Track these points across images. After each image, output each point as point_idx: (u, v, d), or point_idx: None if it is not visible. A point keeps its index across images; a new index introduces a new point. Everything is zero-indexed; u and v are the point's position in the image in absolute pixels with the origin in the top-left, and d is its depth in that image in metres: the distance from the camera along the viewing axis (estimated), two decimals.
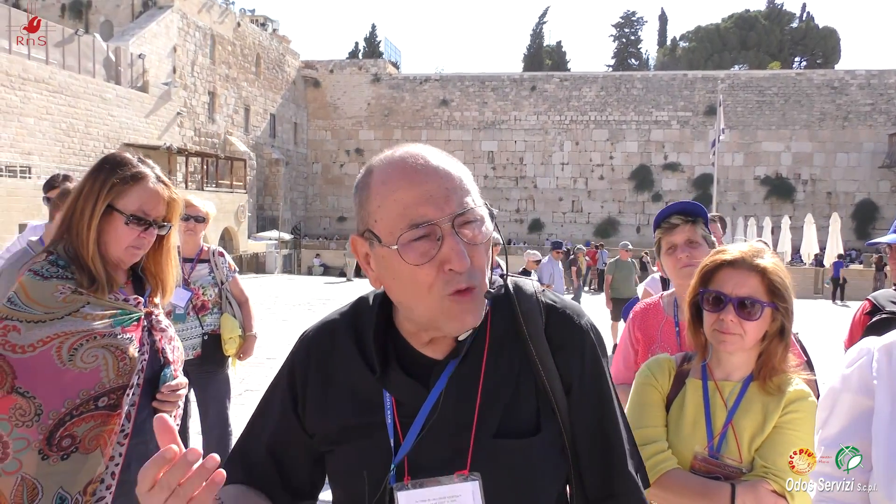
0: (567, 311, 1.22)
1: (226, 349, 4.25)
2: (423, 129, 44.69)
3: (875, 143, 40.70)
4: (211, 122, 35.65)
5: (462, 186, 1.11)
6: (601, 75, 45.53)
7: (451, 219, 1.07)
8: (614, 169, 43.44)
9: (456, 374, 1.15)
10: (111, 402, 1.91)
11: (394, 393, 1.17)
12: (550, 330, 1.19)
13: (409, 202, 1.07)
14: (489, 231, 1.12)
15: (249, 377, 8.26)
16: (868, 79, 41.17)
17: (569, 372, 1.18)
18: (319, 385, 1.23)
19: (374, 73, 45.34)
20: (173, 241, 2.17)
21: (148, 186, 2.01)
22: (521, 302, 1.20)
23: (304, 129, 45.76)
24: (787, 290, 1.77)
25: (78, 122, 25.76)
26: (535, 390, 1.17)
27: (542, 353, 1.17)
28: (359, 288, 23.79)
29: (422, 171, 1.09)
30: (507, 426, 1.14)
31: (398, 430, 1.15)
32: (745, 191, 42.12)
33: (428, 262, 1.06)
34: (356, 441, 1.18)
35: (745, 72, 46.19)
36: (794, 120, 41.67)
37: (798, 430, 1.70)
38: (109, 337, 1.91)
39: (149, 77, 30.16)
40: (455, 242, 1.06)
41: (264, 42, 41.20)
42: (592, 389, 1.20)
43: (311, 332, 1.32)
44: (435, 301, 1.08)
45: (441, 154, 1.14)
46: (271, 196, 40.75)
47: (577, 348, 1.19)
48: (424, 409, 1.14)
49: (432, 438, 1.13)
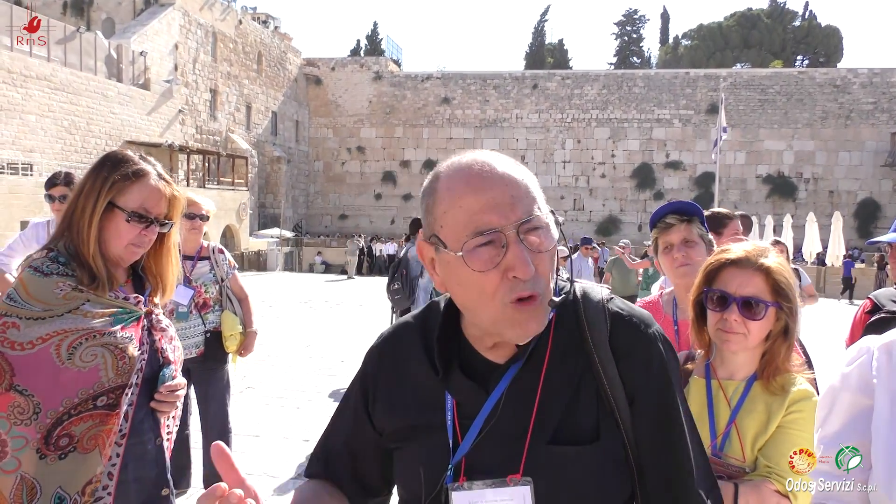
0: (634, 319, 1.19)
1: (227, 346, 4.26)
2: (425, 126, 44.70)
3: (877, 142, 40.65)
4: (213, 120, 35.67)
5: (528, 193, 1.11)
6: (603, 73, 45.48)
7: (516, 226, 1.07)
8: (616, 167, 43.43)
9: (516, 378, 1.16)
10: (110, 402, 1.89)
11: (455, 395, 1.19)
12: (615, 338, 1.17)
13: (475, 209, 1.08)
14: (554, 239, 1.12)
15: (251, 374, 8.26)
16: (870, 77, 41.11)
17: (633, 382, 1.15)
18: (389, 385, 1.28)
19: (376, 71, 45.34)
20: (174, 240, 2.15)
21: (149, 184, 1.99)
22: (587, 309, 1.19)
23: (305, 127, 45.78)
24: (792, 289, 1.76)
25: (80, 120, 25.78)
26: (596, 399, 1.15)
27: (605, 362, 1.15)
28: (360, 286, 23.80)
29: (488, 178, 1.10)
30: (563, 433, 1.13)
31: (457, 431, 1.18)
32: (747, 189, 42.09)
33: (493, 269, 1.07)
34: (418, 440, 1.22)
35: (748, 70, 46.15)
36: (796, 118, 41.63)
37: (802, 429, 1.69)
38: (109, 336, 1.89)
39: (150, 74, 30.18)
40: (520, 250, 1.07)
41: (266, 40, 41.20)
42: (657, 402, 1.17)
43: (385, 334, 1.36)
44: (498, 307, 1.09)
45: (507, 160, 1.14)
46: (273, 194, 40.77)
47: (642, 358, 1.17)
48: (483, 412, 1.16)
49: (489, 441, 1.15)
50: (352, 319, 14.45)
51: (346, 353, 10.12)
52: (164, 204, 2.03)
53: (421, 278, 7.07)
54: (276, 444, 5.82)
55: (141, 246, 2.01)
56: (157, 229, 2.02)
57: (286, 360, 9.55)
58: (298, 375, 8.56)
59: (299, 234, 40.29)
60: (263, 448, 5.70)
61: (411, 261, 6.99)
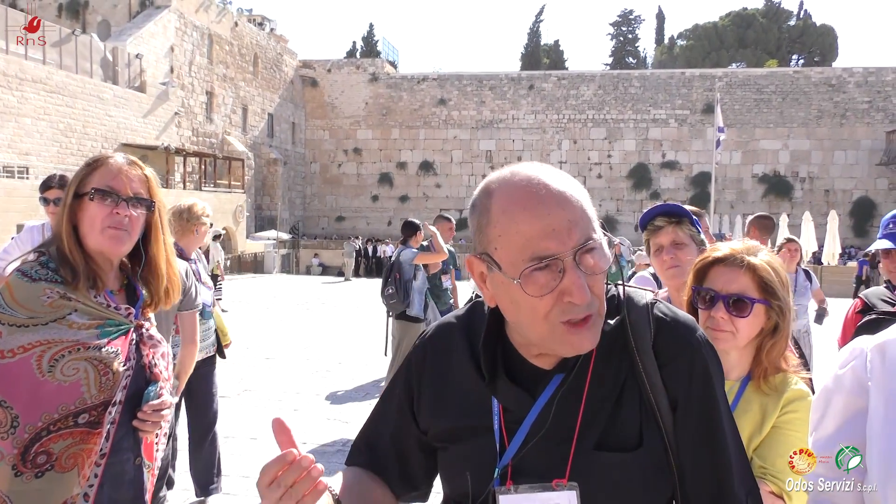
0: (678, 325, 1.19)
1: (226, 340, 4.51)
2: (421, 128, 44.70)
3: (873, 141, 40.75)
4: (209, 122, 35.64)
5: (584, 215, 1.10)
6: (599, 74, 45.53)
7: (573, 252, 1.07)
8: (612, 167, 43.48)
9: (562, 385, 1.17)
10: (91, 420, 1.79)
11: (501, 400, 1.21)
12: (659, 344, 1.17)
13: (532, 235, 1.07)
14: (609, 258, 1.12)
15: (248, 377, 8.26)
16: (865, 76, 41.21)
17: (675, 388, 1.16)
18: (433, 386, 1.29)
19: (372, 73, 45.34)
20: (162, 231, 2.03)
21: (110, 165, 1.91)
22: (631, 313, 1.19)
23: (301, 129, 45.76)
24: (781, 287, 1.76)
25: (75, 123, 25.74)
26: (639, 404, 1.16)
27: (648, 368, 1.16)
28: (357, 288, 23.80)
29: (545, 202, 1.08)
30: (608, 439, 1.15)
31: (504, 435, 1.19)
32: (743, 189, 42.16)
33: (549, 294, 1.08)
34: (465, 442, 1.23)
35: (743, 70, 46.22)
36: (791, 118, 41.71)
37: (797, 430, 1.70)
38: (94, 349, 1.80)
39: (146, 77, 30.15)
40: (577, 276, 1.07)
41: (262, 42, 41.18)
42: (700, 408, 1.17)
43: (428, 334, 1.37)
44: (548, 327, 1.10)
45: (562, 178, 1.12)
46: (269, 196, 40.74)
47: (685, 364, 1.17)
48: (530, 417, 1.17)
49: (536, 446, 1.16)
50: (349, 322, 14.44)
51: (343, 355, 10.12)
52: (133, 183, 1.92)
53: (415, 280, 7.05)
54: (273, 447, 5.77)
55: (120, 228, 1.88)
56: (138, 212, 1.91)
57: (283, 362, 9.54)
58: (295, 378, 8.56)
59: (296, 237, 40.27)
60: (261, 450, 5.69)
61: (404, 264, 6.96)
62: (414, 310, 6.80)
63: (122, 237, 1.89)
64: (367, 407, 7.05)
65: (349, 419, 6.71)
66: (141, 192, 1.94)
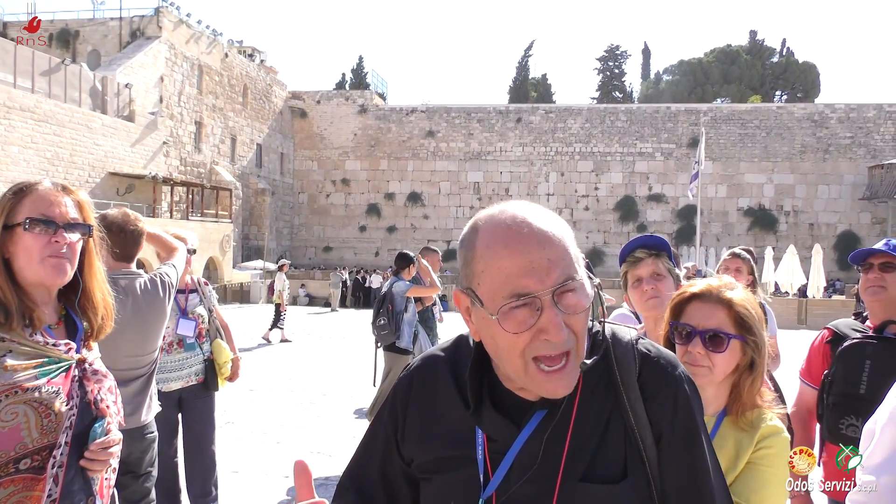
0: (662, 361, 1.23)
1: (222, 373, 4.44)
2: (410, 159, 44.91)
3: (855, 176, 41.28)
4: (197, 152, 35.67)
5: (566, 255, 1.12)
6: (586, 107, 46.02)
7: (551, 292, 1.08)
8: (599, 200, 43.75)
9: (547, 416, 1.17)
10: (35, 465, 1.69)
11: (486, 430, 1.21)
12: (643, 379, 1.20)
13: (512, 272, 1.09)
14: (590, 296, 1.13)
15: (231, 408, 8.16)
16: (847, 112, 41.88)
17: (659, 422, 1.18)
18: (418, 416, 1.29)
19: (361, 104, 45.63)
20: (97, 258, 1.94)
21: (39, 192, 1.82)
22: (616, 348, 1.22)
23: (290, 159, 45.87)
24: (756, 323, 1.77)
25: (63, 151, 25.70)
26: (624, 437, 1.18)
27: (633, 402, 1.18)
28: (343, 319, 23.67)
29: (525, 241, 1.10)
30: (593, 471, 1.15)
31: (488, 466, 1.19)
32: (729, 222, 42.50)
33: (526, 331, 1.09)
34: (448, 473, 1.23)
35: (728, 105, 46.85)
36: (775, 152, 42.23)
37: (771, 465, 1.69)
38: (32, 391, 1.70)
39: (135, 106, 30.20)
40: (554, 315, 1.08)
41: (252, 73, 41.43)
42: (683, 442, 1.19)
43: (413, 365, 1.37)
44: (522, 364, 1.11)
45: (546, 217, 1.14)
46: (257, 226, 40.67)
47: (669, 399, 1.19)
48: (514, 448, 1.17)
49: (520, 477, 1.16)
50: (335, 353, 14.34)
51: (327, 386, 10.03)
52: (66, 207, 1.83)
53: (406, 312, 7.04)
54: (255, 480, 5.72)
55: (60, 257, 1.79)
56: (75, 237, 1.83)
57: (267, 393, 9.45)
58: (279, 409, 8.47)
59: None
60: (242, 484, 5.61)
61: (396, 296, 6.95)
62: (403, 342, 6.77)
63: (64, 265, 1.80)
64: (351, 439, 6.98)
65: (333, 452, 6.63)
66: (77, 218, 1.85)
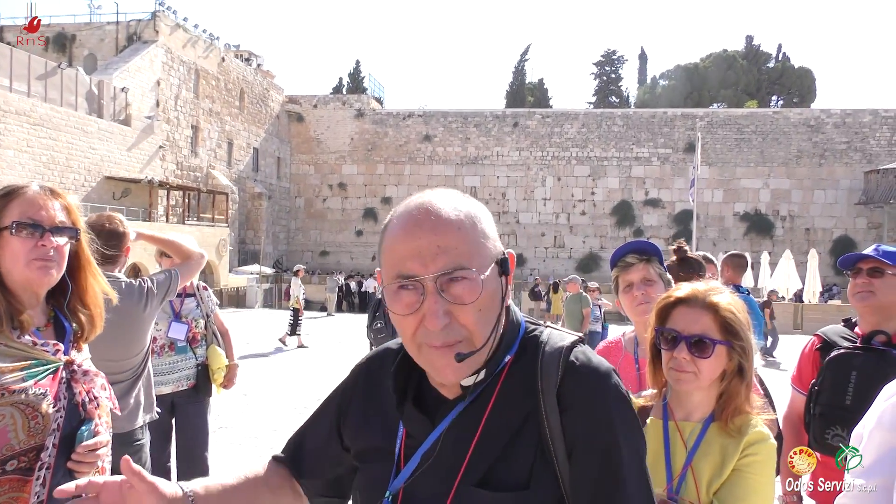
0: (589, 370, 1.13)
1: (215, 379, 4.46)
2: (407, 164, 44.94)
3: (851, 181, 41.38)
4: (194, 156, 35.64)
5: (463, 244, 1.10)
6: (582, 112, 46.09)
7: (434, 277, 1.08)
8: (596, 204, 43.79)
9: (461, 416, 1.15)
10: (22, 466, 1.71)
11: (406, 425, 1.21)
12: (564, 388, 1.12)
13: (402, 255, 1.11)
14: (488, 290, 1.11)
15: (225, 413, 8.13)
16: (843, 118, 41.99)
17: (574, 435, 1.10)
18: (361, 405, 1.32)
19: (358, 109, 45.66)
20: (89, 256, 1.96)
21: (26, 196, 1.84)
22: (545, 354, 1.16)
23: (287, 164, 45.86)
24: (743, 328, 1.75)
25: (59, 155, 25.66)
26: (535, 447, 1.11)
27: (549, 411, 1.11)
28: (339, 323, 23.63)
29: (420, 225, 1.11)
30: (493, 477, 1.11)
31: (401, 460, 1.19)
32: (725, 227, 42.56)
33: (411, 315, 1.10)
34: (371, 463, 1.25)
35: (724, 110, 46.95)
36: (772, 157, 42.33)
37: (757, 473, 1.68)
38: (19, 393, 1.71)
39: (132, 110, 30.17)
40: (433, 301, 1.08)
41: (249, 77, 41.44)
42: (598, 460, 1.09)
43: (369, 355, 1.41)
44: (416, 348, 1.13)
45: (456, 206, 1.14)
46: (253, 230, 40.64)
47: (586, 411, 1.11)
48: (424, 445, 1.17)
49: (426, 475, 1.15)
50: (330, 357, 14.32)
51: (323, 391, 9.99)
52: (54, 211, 1.85)
53: None
54: None
55: (48, 260, 1.81)
56: (63, 241, 1.84)
57: (262, 398, 9.42)
58: (274, 414, 8.44)
59: (279, 271, 40.09)
60: None
61: None
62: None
63: (51, 268, 1.82)
64: None
65: None
66: (65, 222, 1.87)
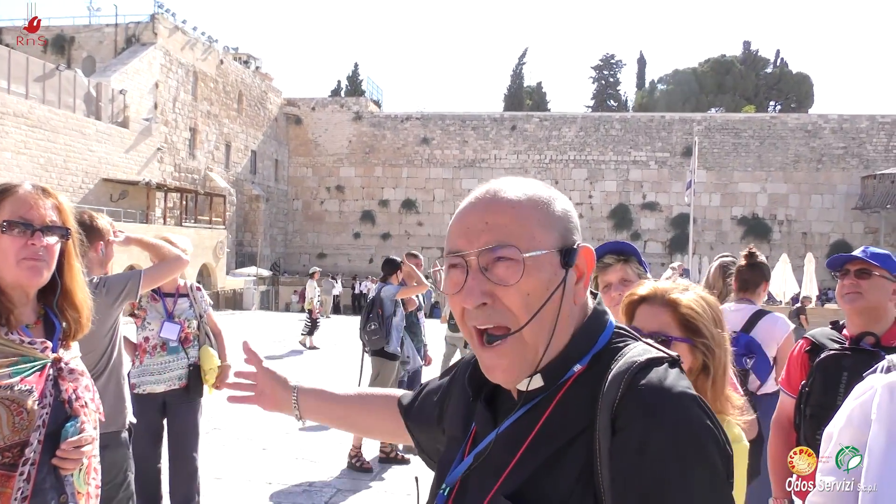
0: (651, 391, 0.97)
1: (206, 380, 4.45)
2: (404, 166, 44.95)
3: (848, 186, 41.45)
4: (191, 158, 35.65)
5: (515, 224, 1.05)
6: (580, 116, 46.15)
7: (477, 253, 1.04)
8: (593, 208, 43.83)
9: (520, 421, 1.08)
10: (6, 462, 1.73)
11: (475, 421, 1.19)
12: (620, 407, 0.98)
13: (454, 231, 1.09)
14: (533, 276, 1.04)
15: (218, 415, 8.14)
16: (840, 123, 42.08)
17: (619, 463, 0.96)
18: (455, 396, 1.31)
19: (356, 111, 45.69)
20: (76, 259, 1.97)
21: (18, 195, 1.85)
22: (617, 367, 1.03)
23: (284, 166, 45.86)
24: (707, 325, 1.72)
25: (56, 157, 25.66)
26: (581, 469, 0.99)
27: (602, 431, 0.98)
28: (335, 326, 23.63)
29: (476, 205, 1.09)
30: (531, 492, 1.01)
31: (465, 455, 1.17)
32: (723, 231, 42.61)
33: (457, 294, 1.06)
34: (448, 451, 1.24)
35: (721, 115, 47.01)
36: (769, 162, 42.39)
37: None
38: (4, 389, 1.73)
39: (130, 113, 30.19)
40: (472, 278, 1.05)
41: (247, 79, 41.47)
42: (641, 495, 0.93)
43: None
44: (468, 333, 1.10)
45: (518, 189, 1.10)
46: (251, 232, 40.63)
47: (636, 439, 0.95)
48: (480, 444, 1.13)
49: (476, 475, 1.12)
50: (325, 359, 14.33)
51: None
52: (45, 210, 1.86)
53: (394, 317, 7.05)
54: (238, 487, 5.72)
55: (38, 259, 1.82)
56: (53, 239, 1.86)
57: None
58: (267, 416, 8.45)
59: (276, 273, 40.09)
60: (225, 491, 5.61)
61: (385, 300, 6.97)
62: (391, 346, 6.80)
63: (41, 267, 1.83)
64: (337, 446, 6.97)
65: (317, 458, 6.63)
66: (56, 221, 1.88)
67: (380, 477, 6.20)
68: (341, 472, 6.23)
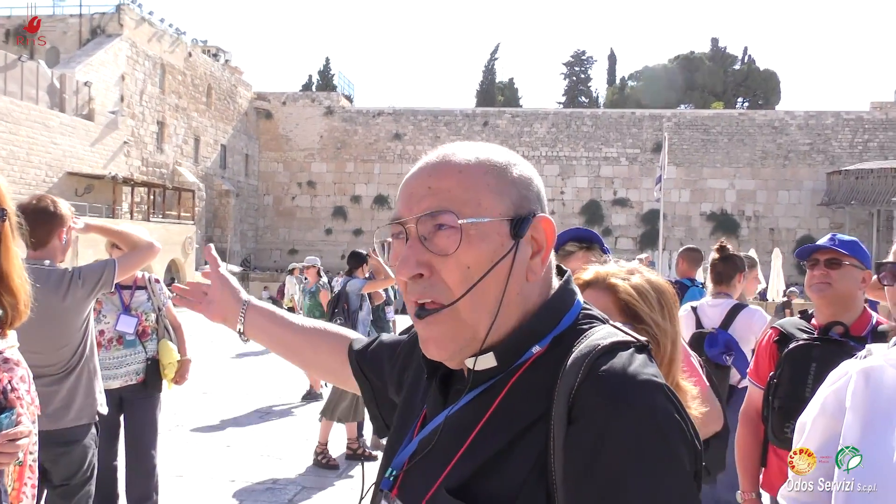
0: (611, 376, 0.87)
1: (165, 374, 4.36)
2: (377, 162, 44.76)
3: (814, 182, 42.10)
4: (159, 152, 35.13)
5: (462, 190, 0.94)
6: (552, 112, 46.31)
7: (416, 220, 0.94)
8: (565, 204, 44.02)
9: (470, 406, 0.96)
10: None
11: (427, 402, 1.07)
12: (578, 394, 0.87)
13: (399, 198, 1.00)
14: (474, 245, 0.93)
15: (182, 411, 7.99)
16: (806, 119, 42.71)
17: (574, 454, 0.85)
18: (415, 368, 1.16)
19: (328, 106, 45.37)
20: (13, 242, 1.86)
21: None
22: (578, 351, 0.92)
23: (255, 161, 45.40)
24: (649, 311, 1.65)
25: (19, 150, 25.10)
26: (535, 460, 0.89)
27: (558, 419, 0.88)
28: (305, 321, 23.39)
29: (423, 168, 0.99)
30: (477, 486, 0.90)
31: (414, 436, 1.05)
32: (692, 226, 43.05)
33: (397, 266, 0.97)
34: (398, 428, 1.13)
35: (691, 111, 47.50)
36: (737, 158, 42.91)
37: None
38: None
39: (95, 105, 29.62)
40: (410, 246, 0.94)
41: (216, 73, 40.94)
42: (598, 493, 0.83)
43: None
44: (411, 308, 0.99)
45: (478, 152, 1.00)
46: (221, 228, 40.17)
47: (593, 429, 0.84)
48: (427, 428, 1.01)
49: (420, 463, 0.99)
50: None
51: (282, 390, 9.90)
52: None
53: (360, 311, 6.98)
54: (200, 485, 5.60)
55: None
56: None
57: (221, 396, 9.29)
58: (232, 412, 8.33)
59: (247, 269, 39.71)
60: (186, 489, 5.48)
61: (351, 294, 6.92)
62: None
63: None
64: (304, 442, 6.88)
65: (283, 455, 6.52)
66: None
67: (346, 474, 6.11)
68: (307, 469, 6.13)
